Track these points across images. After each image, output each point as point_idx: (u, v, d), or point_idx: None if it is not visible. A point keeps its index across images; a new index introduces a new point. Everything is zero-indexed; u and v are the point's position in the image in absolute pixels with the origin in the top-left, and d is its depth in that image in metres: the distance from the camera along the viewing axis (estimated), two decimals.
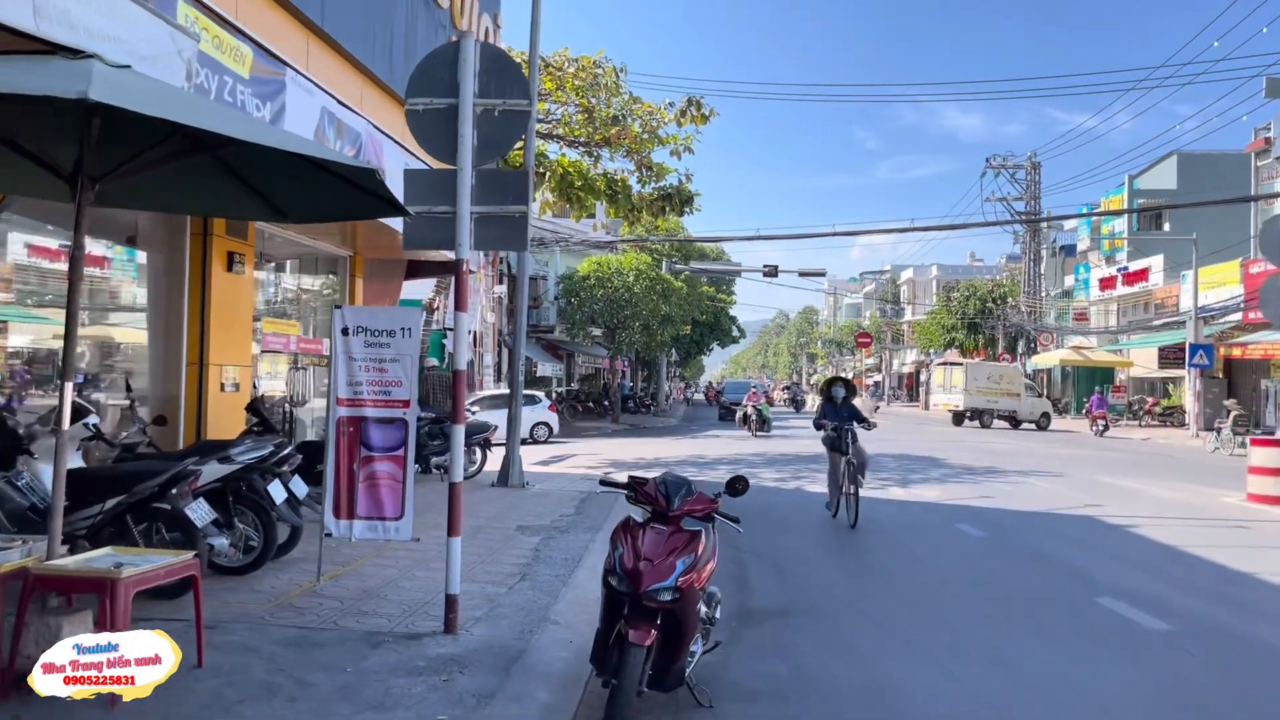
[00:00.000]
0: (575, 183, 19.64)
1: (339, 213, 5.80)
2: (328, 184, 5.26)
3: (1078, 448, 25.16)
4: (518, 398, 13.82)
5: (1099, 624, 6.65)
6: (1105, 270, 45.69)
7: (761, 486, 15.04)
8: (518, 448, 13.45)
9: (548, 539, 9.13)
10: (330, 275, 13.21)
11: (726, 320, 58.48)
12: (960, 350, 56.65)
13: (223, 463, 6.58)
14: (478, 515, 10.59)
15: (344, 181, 5.21)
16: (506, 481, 13.29)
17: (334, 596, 6.41)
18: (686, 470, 17.56)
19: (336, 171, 5.12)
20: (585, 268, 34.72)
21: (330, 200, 5.46)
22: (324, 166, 5.00)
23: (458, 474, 5.70)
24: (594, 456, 21.07)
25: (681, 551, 4.45)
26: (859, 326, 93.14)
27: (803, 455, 20.78)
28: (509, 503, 11.74)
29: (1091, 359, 42.05)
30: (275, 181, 5.43)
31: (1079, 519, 11.62)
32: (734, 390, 46.33)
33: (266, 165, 5.18)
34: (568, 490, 13.22)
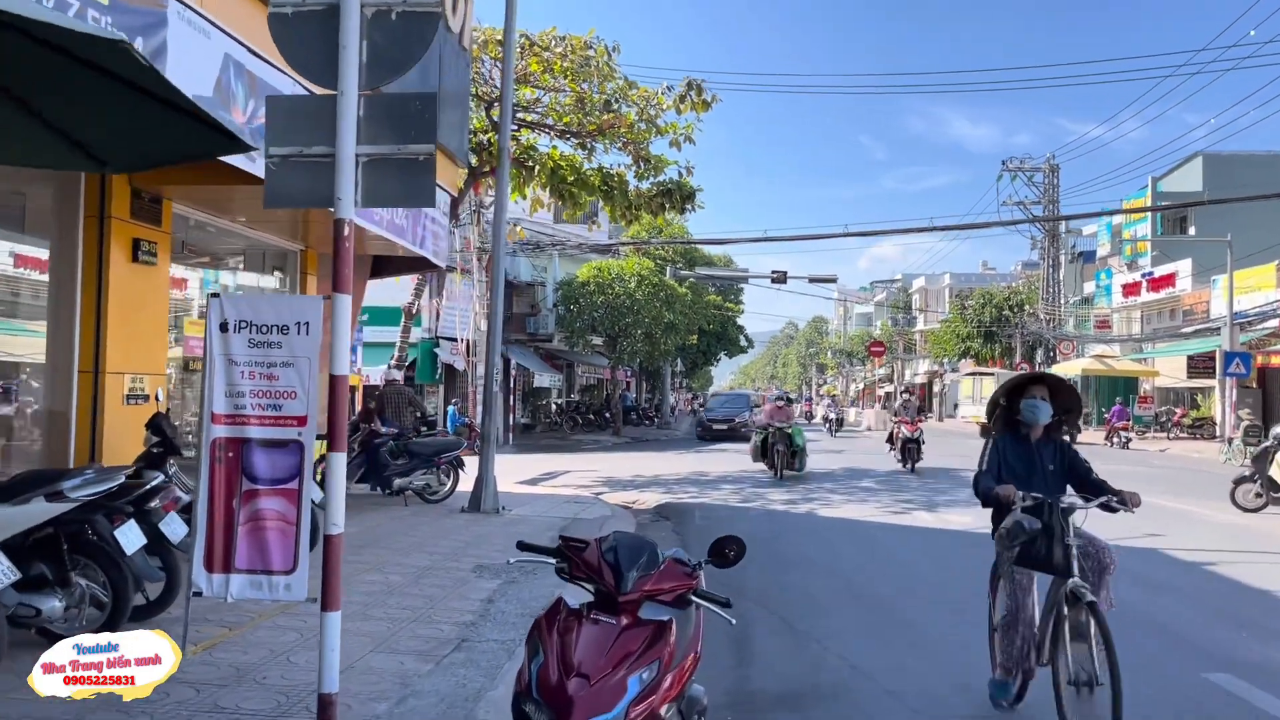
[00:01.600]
0: (567, 177, 18.08)
1: (169, 154, 4.21)
2: (147, 116, 3.68)
3: (1106, 462, 23.40)
4: (493, 409, 12.20)
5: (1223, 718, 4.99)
6: (1129, 276, 43.86)
7: (769, 510, 13.39)
8: (492, 467, 11.82)
9: (508, 584, 7.50)
10: (277, 273, 11.63)
11: (734, 330, 56.83)
12: (976, 360, 54.81)
13: (52, 500, 4.99)
14: (432, 550, 8.97)
15: (170, 112, 3.64)
16: (479, 506, 11.67)
17: (194, 680, 4.78)
18: (685, 490, 15.90)
19: (163, 97, 3.54)
20: (585, 273, 33.13)
21: (155, 138, 3.89)
22: (145, 91, 3.43)
23: (336, 520, 4.06)
24: (588, 473, 19.45)
25: (638, 659, 2.81)
26: (869, 336, 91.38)
27: (828, 467, 19.10)
28: (475, 534, 10.12)
29: (1115, 368, 40.18)
30: (78, 115, 3.85)
31: (1144, 553, 9.93)
32: (726, 406, 35.39)
33: (61, 92, 3.61)
34: (548, 517, 11.59)
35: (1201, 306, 36.79)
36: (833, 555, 9.93)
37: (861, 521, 12.35)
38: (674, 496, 15.11)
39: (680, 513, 13.06)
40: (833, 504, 14.10)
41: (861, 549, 10.46)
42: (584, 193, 18.27)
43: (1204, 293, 36.59)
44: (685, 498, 14.92)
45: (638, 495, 15.39)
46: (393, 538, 9.60)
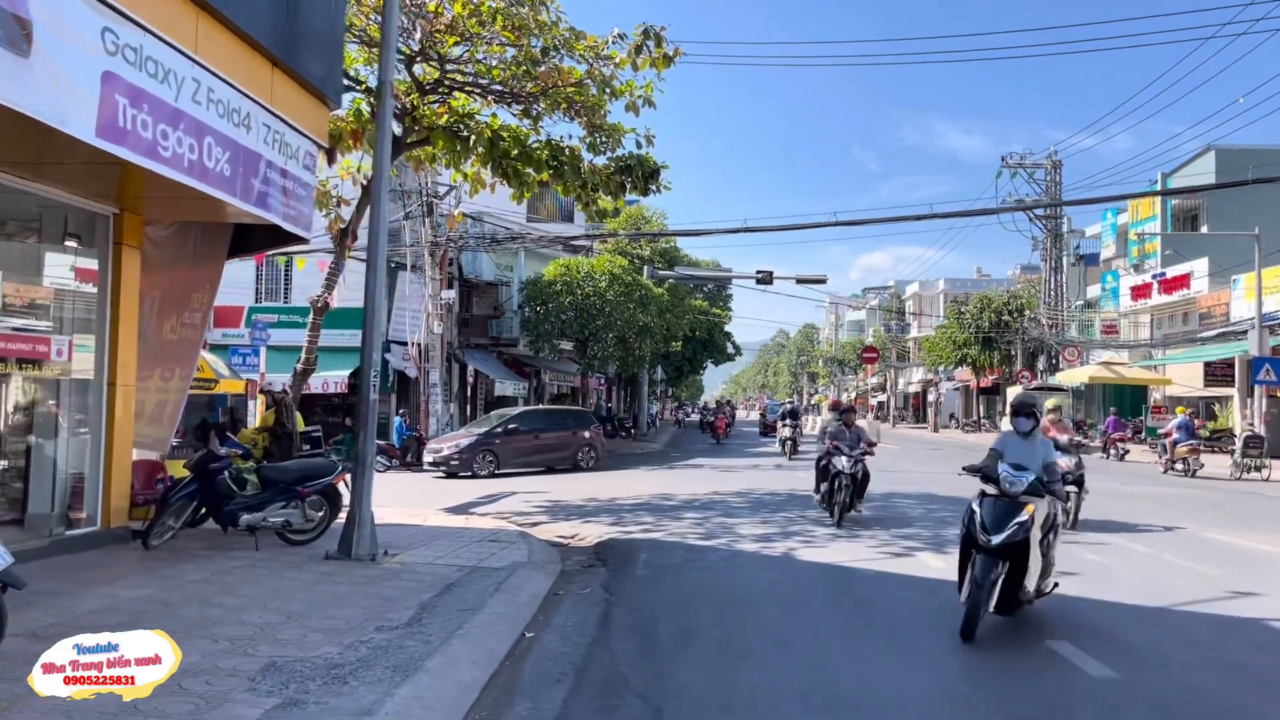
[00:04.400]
0: (510, 151, 15.35)
1: None
2: None
3: (1112, 477, 20.64)
4: (370, 423, 9.27)
5: None
6: (1137, 277, 41.24)
7: (734, 551, 10.57)
8: (367, 501, 8.99)
9: (295, 701, 4.70)
10: (73, 243, 8.81)
11: (721, 337, 54.14)
12: (973, 368, 52.17)
13: None
14: (238, 623, 6.19)
15: None
16: (349, 551, 8.85)
17: None
18: (640, 520, 13.07)
19: None
20: (551, 272, 30.34)
21: None
22: None
23: None
24: (536, 495, 16.67)
25: None
26: (862, 344, 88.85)
27: (793, 493, 16.27)
28: (319, 597, 7.30)
29: (1125, 375, 37.51)
30: None
31: (1247, 625, 7.18)
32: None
33: None
34: (439, 567, 8.76)
35: (1220, 309, 34.17)
36: (815, 632, 7.13)
37: (854, 569, 9.57)
38: (623, 529, 12.32)
39: (622, 555, 10.27)
40: (815, 540, 11.31)
41: (859, 617, 7.67)
42: (530, 169, 15.57)
43: (1222, 294, 33.98)
44: (636, 531, 12.11)
45: (579, 527, 12.60)
46: (189, 605, 6.78)
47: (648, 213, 39.62)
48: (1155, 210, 41.64)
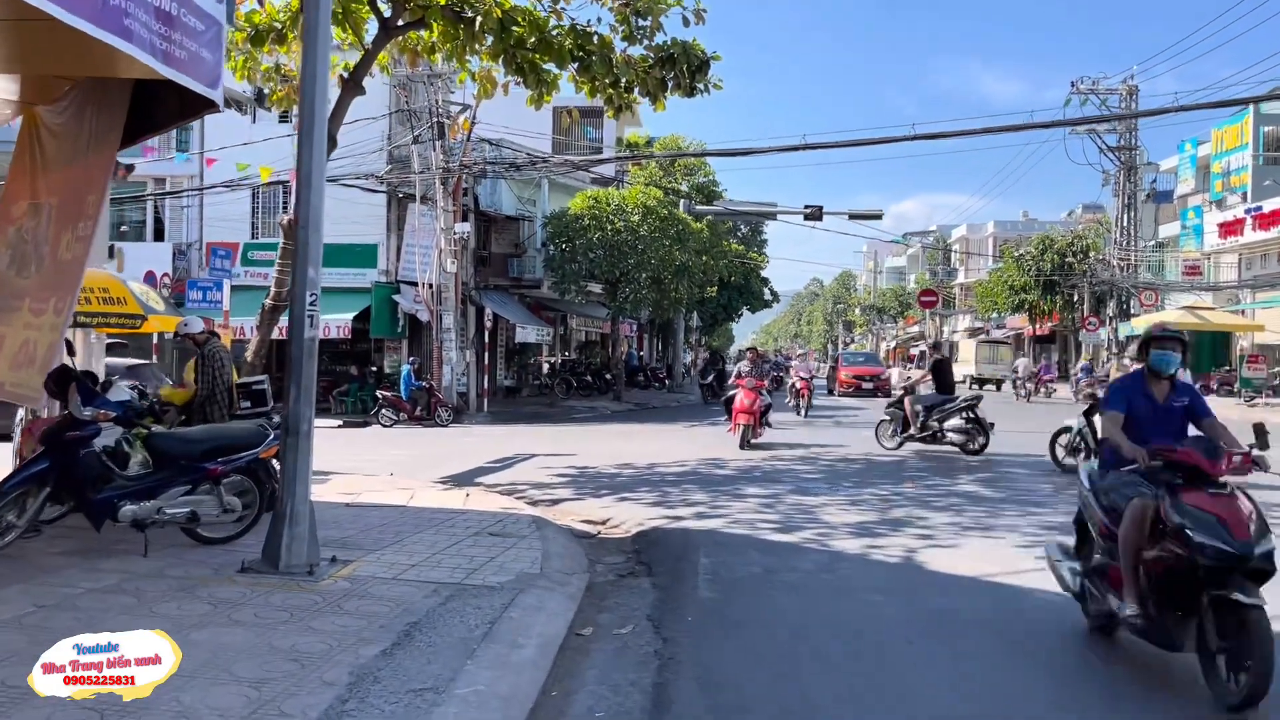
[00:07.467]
0: (525, 39, 12.27)
1: None
2: None
3: None
4: (303, 382, 6.29)
5: None
6: (1225, 213, 37.34)
7: (832, 554, 7.61)
8: (303, 488, 6.09)
9: None
10: None
11: (758, 282, 50.74)
12: (1031, 314, 48.54)
13: None
14: None
15: None
16: (276, 562, 5.98)
17: None
18: (689, 496, 10.08)
19: None
20: (578, 205, 27.19)
21: None
22: None
23: None
24: (560, 459, 13.85)
25: None
26: (904, 291, 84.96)
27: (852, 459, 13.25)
28: (196, 650, 4.41)
29: (1211, 321, 33.96)
30: None
31: None
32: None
33: None
34: (407, 586, 5.88)
35: None
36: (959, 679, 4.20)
37: (1019, 588, 6.61)
38: (668, 511, 9.42)
39: (674, 557, 7.36)
40: (936, 534, 8.32)
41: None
42: (550, 62, 12.52)
43: None
44: (686, 515, 9.19)
45: (612, 506, 9.73)
46: None
47: (684, 142, 36.24)
48: (1244, 139, 37.61)
